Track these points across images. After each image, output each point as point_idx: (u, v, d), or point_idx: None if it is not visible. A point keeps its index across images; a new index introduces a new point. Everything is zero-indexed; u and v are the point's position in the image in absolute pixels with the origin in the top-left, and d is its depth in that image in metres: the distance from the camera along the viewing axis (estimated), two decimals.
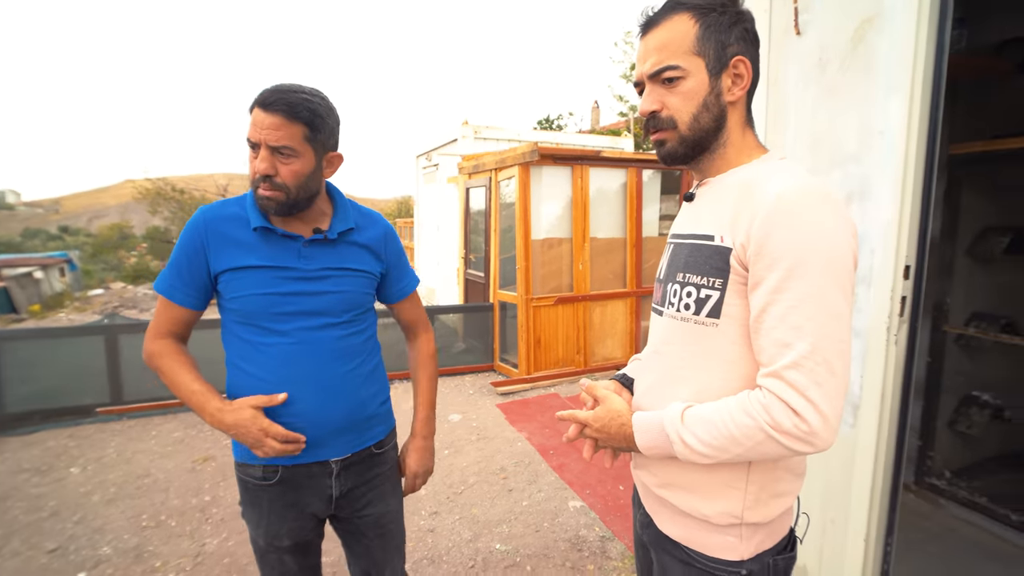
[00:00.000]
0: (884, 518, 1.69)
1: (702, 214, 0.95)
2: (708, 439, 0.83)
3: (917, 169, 1.57)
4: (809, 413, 0.77)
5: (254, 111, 1.16)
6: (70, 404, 4.47)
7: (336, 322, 1.31)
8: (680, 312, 0.93)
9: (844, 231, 0.80)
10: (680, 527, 0.97)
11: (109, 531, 2.87)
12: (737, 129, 0.94)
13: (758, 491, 0.90)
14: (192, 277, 1.25)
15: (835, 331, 0.78)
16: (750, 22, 0.92)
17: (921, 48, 1.53)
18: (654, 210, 6.38)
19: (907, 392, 1.65)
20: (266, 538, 1.34)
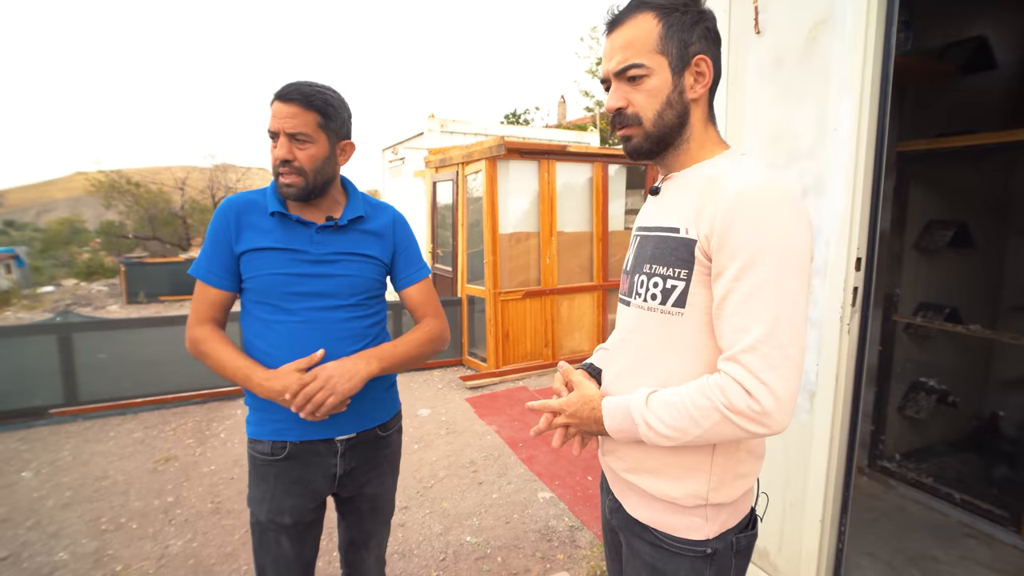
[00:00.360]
0: (839, 499, 1.77)
1: (667, 207, 0.98)
2: (670, 421, 0.87)
3: (867, 165, 1.65)
4: (762, 394, 0.80)
5: (273, 104, 1.30)
6: (20, 406, 4.29)
7: (343, 304, 1.40)
8: (647, 302, 0.97)
9: (800, 224, 0.84)
10: (648, 510, 1.01)
11: (65, 536, 2.78)
12: (700, 125, 0.98)
13: (722, 473, 0.95)
14: (223, 259, 1.35)
15: (791, 317, 0.82)
16: (711, 21, 0.95)
17: (870, 50, 1.61)
18: (620, 204, 6.47)
19: (859, 379, 1.73)
20: (268, 514, 1.39)
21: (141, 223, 21.69)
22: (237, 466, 3.56)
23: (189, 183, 22.96)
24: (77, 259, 23.23)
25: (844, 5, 1.65)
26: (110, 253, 22.29)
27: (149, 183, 22.63)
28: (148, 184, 22.49)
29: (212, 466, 3.57)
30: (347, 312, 1.40)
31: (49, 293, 15.67)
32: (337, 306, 1.39)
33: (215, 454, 3.76)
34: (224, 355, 1.33)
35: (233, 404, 4.77)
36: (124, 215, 22.37)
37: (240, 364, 1.31)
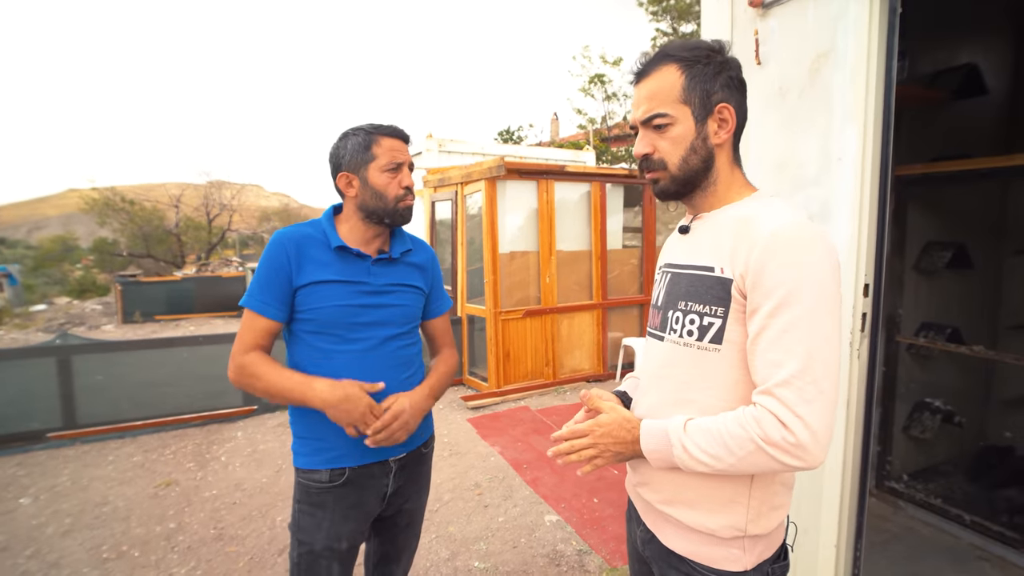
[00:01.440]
0: (853, 524, 1.78)
1: (700, 247, 1.02)
2: (706, 447, 0.89)
3: (872, 192, 1.69)
4: (798, 427, 0.83)
5: (391, 140, 1.46)
6: (17, 430, 4.24)
7: (398, 333, 1.49)
8: (683, 338, 1.00)
9: (831, 264, 0.89)
10: (685, 542, 1.02)
11: (66, 565, 2.74)
12: (726, 168, 1.03)
13: (759, 505, 0.97)
14: (279, 291, 1.39)
15: (825, 354, 0.85)
16: (735, 70, 1.00)
17: (872, 81, 1.66)
18: (617, 221, 6.53)
19: (870, 403, 1.75)
20: (325, 541, 1.42)
21: (135, 241, 21.63)
22: (239, 491, 3.52)
23: (184, 200, 22.95)
24: (70, 277, 23.07)
25: (845, 38, 1.70)
26: (103, 271, 22.17)
27: (143, 200, 22.58)
28: (142, 201, 22.44)
29: (214, 491, 3.53)
30: (401, 340, 1.50)
31: (42, 311, 15.53)
32: (395, 335, 1.48)
33: (216, 478, 3.73)
34: (276, 374, 1.37)
35: (233, 427, 4.73)
36: (118, 232, 22.30)
37: (297, 379, 1.36)
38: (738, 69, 1.00)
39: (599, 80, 18.73)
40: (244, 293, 1.42)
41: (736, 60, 1.01)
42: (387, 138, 1.45)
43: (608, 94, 18.83)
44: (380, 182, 1.43)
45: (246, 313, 1.41)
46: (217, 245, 23.37)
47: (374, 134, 1.45)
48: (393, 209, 1.45)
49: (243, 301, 1.42)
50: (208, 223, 23.25)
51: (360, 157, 1.44)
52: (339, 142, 1.49)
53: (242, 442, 4.38)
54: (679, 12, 16.97)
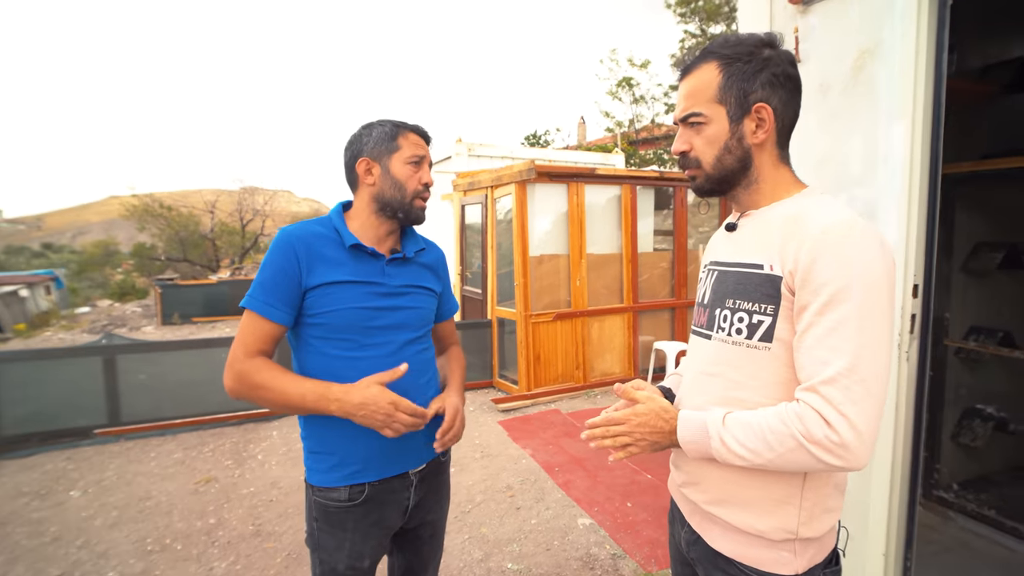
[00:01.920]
0: (903, 532, 1.73)
1: (747, 244, 1.01)
2: (744, 441, 0.89)
3: (921, 191, 1.64)
4: (842, 426, 0.81)
5: (416, 136, 1.42)
6: (67, 426, 4.42)
7: (415, 336, 1.42)
8: (731, 336, 0.99)
9: (885, 263, 0.86)
10: (733, 543, 1.00)
11: (114, 556, 2.84)
12: (768, 167, 1.02)
13: (811, 507, 0.95)
14: (285, 293, 1.28)
15: (873, 354, 0.83)
16: (779, 67, 0.97)
17: (921, 76, 1.61)
18: (647, 224, 6.47)
19: (920, 407, 1.70)
20: (348, 561, 1.35)
21: (172, 245, 22.29)
22: (275, 488, 3.60)
23: (218, 206, 23.57)
24: (111, 280, 23.91)
25: (892, 33, 1.66)
26: (142, 275, 22.92)
27: (180, 206, 23.27)
28: (179, 207, 23.14)
29: (251, 488, 3.61)
30: (418, 344, 1.43)
31: (86, 314, 16.14)
32: (412, 339, 1.41)
33: (253, 476, 3.81)
34: (286, 382, 1.25)
35: (268, 426, 4.83)
36: (156, 237, 23.02)
37: (309, 386, 1.25)
38: (785, 64, 0.97)
39: (627, 83, 18.62)
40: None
41: (785, 55, 0.98)
42: (413, 134, 1.42)
43: (636, 97, 18.71)
44: (402, 173, 1.37)
45: (247, 315, 1.29)
46: (250, 249, 23.94)
47: (401, 127, 1.41)
48: (409, 204, 1.39)
49: (244, 302, 1.29)
50: (242, 228, 23.85)
51: (385, 146, 1.38)
52: (362, 130, 1.42)
53: (277, 441, 4.47)
54: (708, 13, 16.77)
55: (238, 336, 1.29)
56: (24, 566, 2.75)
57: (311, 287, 1.29)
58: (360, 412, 1.23)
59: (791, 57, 0.99)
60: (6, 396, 4.24)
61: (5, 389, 4.24)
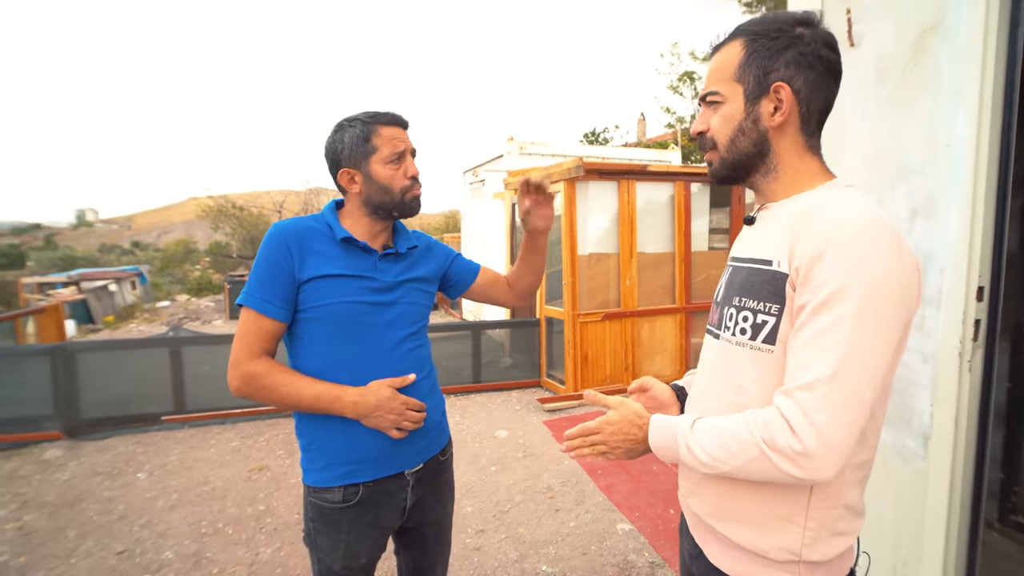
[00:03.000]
0: (963, 560, 1.57)
1: (761, 239, 0.94)
2: (709, 448, 0.85)
3: (989, 183, 1.48)
4: (808, 435, 0.75)
5: (390, 128, 1.34)
6: (138, 412, 4.73)
7: (410, 333, 1.40)
8: (735, 336, 0.93)
9: (899, 265, 0.78)
10: (733, 560, 0.94)
11: (171, 536, 3.01)
12: (790, 154, 0.93)
13: (817, 528, 0.87)
14: (281, 288, 1.27)
15: (862, 363, 0.76)
16: (811, 45, 0.88)
17: (990, 57, 1.45)
18: (703, 223, 6.25)
19: (984, 421, 1.54)
20: (343, 561, 1.35)
21: (244, 243, 23.56)
22: None
23: (286, 206, 24.71)
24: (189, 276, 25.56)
25: (958, 9, 1.50)
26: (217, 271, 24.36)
27: (251, 207, 24.56)
28: (250, 208, 24.41)
29: (299, 478, 3.73)
30: (411, 342, 1.40)
31: (166, 307, 17.32)
32: (407, 335, 1.39)
33: None
34: (299, 384, 1.26)
35: None
36: (229, 236, 24.42)
37: (322, 389, 1.26)
38: (818, 45, 0.88)
39: (688, 77, 18.11)
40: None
41: (823, 35, 0.89)
42: (386, 127, 1.33)
43: (698, 91, 18.16)
44: (384, 175, 1.32)
45: (245, 313, 1.28)
46: None
47: (371, 123, 1.32)
48: (401, 201, 1.35)
49: (241, 299, 1.28)
50: None
51: (360, 150, 1.32)
52: (334, 135, 1.36)
53: None
54: (776, 2, 16.04)
55: (238, 335, 1.28)
56: (93, 540, 2.96)
57: (304, 280, 1.28)
58: (375, 414, 1.26)
59: (829, 38, 0.90)
60: (86, 383, 4.59)
61: (85, 376, 4.58)
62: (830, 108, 0.94)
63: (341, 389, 1.26)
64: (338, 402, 1.25)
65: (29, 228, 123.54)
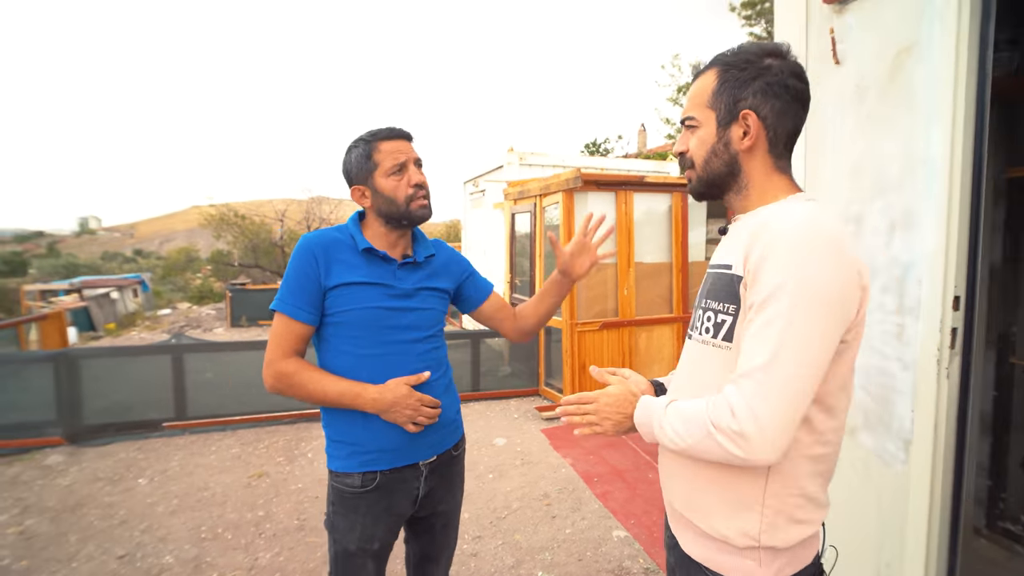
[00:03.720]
0: (944, 563, 1.61)
1: (727, 246, 1.03)
2: (675, 426, 0.93)
3: (963, 197, 1.54)
4: (745, 417, 0.83)
5: (390, 143, 1.45)
6: (140, 418, 4.77)
7: (425, 336, 1.51)
8: (703, 336, 1.01)
9: (834, 267, 0.86)
10: (702, 548, 1.01)
11: (172, 541, 3.04)
12: (758, 174, 1.02)
13: (774, 515, 0.93)
14: (310, 294, 1.40)
15: (796, 354, 0.83)
16: (776, 76, 0.96)
17: (962, 76, 1.52)
18: (700, 233, 6.31)
19: (962, 428, 1.58)
20: (359, 543, 1.46)
21: (245, 252, 23.61)
22: (322, 486, 3.74)
23: (288, 215, 24.76)
24: (191, 285, 25.61)
25: (931, 29, 1.57)
26: (218, 279, 24.42)
27: (253, 215, 24.60)
28: (252, 216, 24.46)
29: (299, 484, 3.78)
30: (429, 344, 1.52)
31: (167, 315, 17.36)
32: (423, 338, 1.50)
33: (302, 473, 3.98)
34: (325, 382, 1.39)
35: (319, 425, 5.00)
36: (231, 245, 24.46)
37: (345, 386, 1.39)
38: (785, 75, 0.97)
39: (688, 89, 18.24)
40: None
41: (788, 65, 0.98)
42: (385, 142, 1.45)
43: None
44: (388, 187, 1.44)
45: (279, 318, 1.42)
46: None
47: (372, 141, 1.45)
48: (406, 209, 1.45)
49: (274, 305, 1.42)
50: None
51: (364, 167, 1.45)
52: (344, 157, 1.51)
53: None
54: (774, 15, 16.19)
55: (272, 338, 1.42)
56: (94, 545, 3.00)
57: (330, 287, 1.41)
58: (392, 410, 1.38)
59: (796, 69, 0.98)
60: (88, 389, 4.64)
61: (87, 383, 4.63)
62: (798, 132, 1.02)
63: (362, 387, 1.39)
64: (359, 399, 1.38)
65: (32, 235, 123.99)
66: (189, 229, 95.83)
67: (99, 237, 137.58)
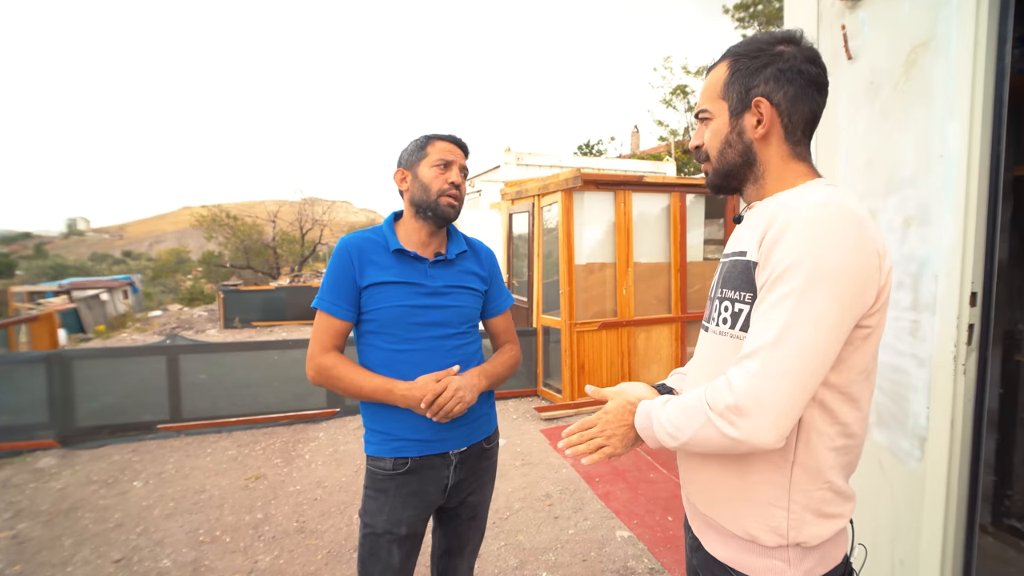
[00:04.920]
0: (960, 560, 1.60)
1: (742, 233, 1.00)
2: (672, 420, 0.91)
3: (980, 192, 1.53)
4: (744, 395, 0.80)
5: (446, 144, 1.55)
6: (134, 420, 4.70)
7: (455, 332, 1.56)
8: (719, 327, 0.98)
9: (852, 245, 0.82)
10: (727, 549, 0.97)
11: (169, 544, 2.99)
12: (775, 162, 0.99)
13: (801, 510, 0.90)
14: (347, 293, 1.50)
15: (803, 335, 0.80)
16: (789, 62, 0.94)
17: (980, 72, 1.51)
18: (698, 234, 6.32)
19: (979, 424, 1.57)
20: (386, 525, 1.51)
21: (237, 253, 23.43)
22: (320, 487, 3.70)
23: (280, 216, 24.60)
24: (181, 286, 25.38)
25: (948, 25, 1.57)
26: (209, 281, 24.21)
27: (245, 216, 24.42)
28: (244, 217, 24.28)
29: (297, 486, 3.73)
30: (458, 340, 1.56)
31: (158, 317, 17.18)
32: (452, 334, 1.55)
33: (300, 475, 3.93)
34: (360, 377, 1.47)
35: (316, 427, 4.98)
36: (222, 246, 24.26)
37: (379, 382, 1.46)
38: (799, 60, 0.95)
39: (681, 91, 18.30)
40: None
41: (804, 52, 0.95)
42: (442, 141, 1.56)
43: (690, 105, 18.35)
44: (428, 176, 1.53)
45: (319, 315, 1.51)
46: (309, 257, 24.87)
47: (432, 137, 1.57)
48: (435, 202, 1.52)
49: (315, 303, 1.52)
50: (301, 237, 24.81)
51: (415, 155, 1.56)
52: (406, 146, 1.62)
53: (324, 442, 4.60)
54: (767, 17, 16.30)
55: (313, 334, 1.52)
56: (90, 549, 2.94)
57: (364, 287, 1.50)
58: (417, 405, 1.44)
59: (810, 53, 0.96)
60: (81, 391, 4.56)
61: (80, 384, 4.55)
62: (817, 117, 0.99)
63: (393, 383, 1.46)
64: (390, 395, 1.45)
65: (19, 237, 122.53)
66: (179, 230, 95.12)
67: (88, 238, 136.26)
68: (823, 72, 0.96)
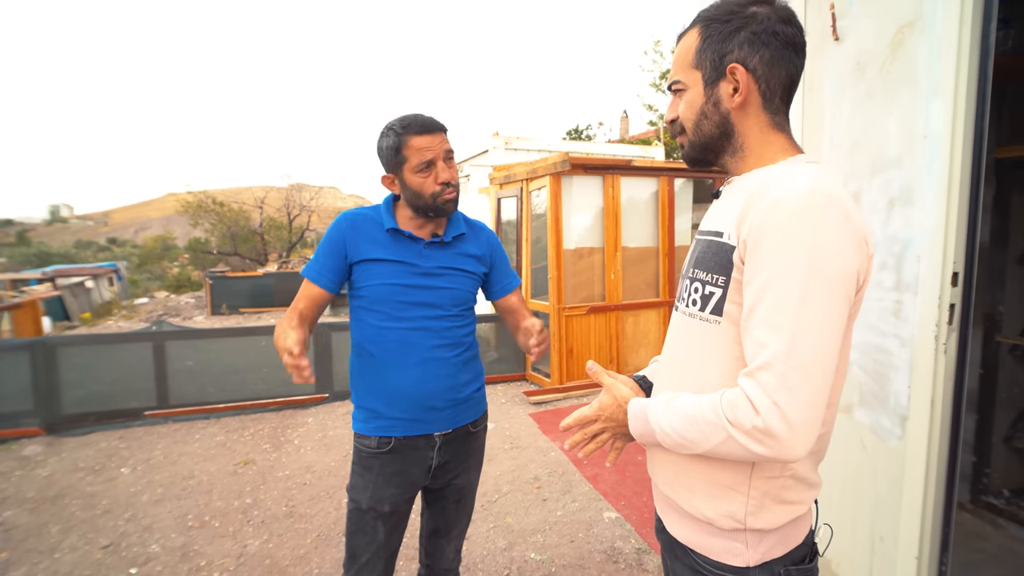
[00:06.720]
0: (938, 535, 1.63)
1: (719, 211, 0.95)
2: (681, 430, 0.86)
3: (964, 173, 1.54)
4: (772, 415, 0.76)
5: (420, 138, 1.46)
6: (120, 407, 4.67)
7: (446, 314, 1.55)
8: (688, 308, 0.95)
9: (844, 237, 0.79)
10: (687, 530, 0.97)
11: (157, 530, 2.98)
12: (754, 133, 0.94)
13: (761, 497, 0.89)
14: (333, 264, 1.51)
15: (814, 336, 0.77)
16: (763, 23, 0.88)
17: (964, 52, 1.51)
18: (686, 219, 6.33)
19: (959, 403, 1.60)
20: (370, 502, 1.54)
21: (224, 240, 23.17)
22: (309, 472, 3.70)
23: (267, 202, 24.31)
24: (168, 273, 25.11)
25: (934, 5, 1.56)
26: (196, 268, 23.96)
27: (232, 202, 24.10)
28: (231, 203, 23.97)
29: (286, 471, 3.73)
30: (449, 322, 1.56)
31: (144, 304, 17.01)
32: (442, 316, 1.55)
33: (289, 460, 3.93)
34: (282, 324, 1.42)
35: (306, 412, 4.97)
36: (209, 232, 23.98)
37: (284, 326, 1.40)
38: (772, 21, 0.88)
39: None
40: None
41: (778, 12, 0.89)
42: (415, 137, 1.46)
43: None
44: (415, 182, 1.48)
45: (304, 282, 1.55)
46: (297, 244, 24.65)
47: (403, 135, 1.46)
48: (433, 203, 1.50)
49: (303, 271, 1.56)
50: (289, 223, 24.57)
51: (394, 160, 1.49)
52: (379, 141, 1.53)
53: (313, 427, 4.60)
54: None
55: (296, 296, 1.55)
56: (77, 535, 2.92)
57: (355, 261, 1.51)
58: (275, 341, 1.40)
59: (784, 13, 0.90)
60: (67, 378, 4.51)
61: (66, 372, 4.50)
62: (795, 82, 0.94)
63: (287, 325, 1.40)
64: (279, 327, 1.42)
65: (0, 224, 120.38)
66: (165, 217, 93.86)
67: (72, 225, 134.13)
68: (800, 32, 0.91)
